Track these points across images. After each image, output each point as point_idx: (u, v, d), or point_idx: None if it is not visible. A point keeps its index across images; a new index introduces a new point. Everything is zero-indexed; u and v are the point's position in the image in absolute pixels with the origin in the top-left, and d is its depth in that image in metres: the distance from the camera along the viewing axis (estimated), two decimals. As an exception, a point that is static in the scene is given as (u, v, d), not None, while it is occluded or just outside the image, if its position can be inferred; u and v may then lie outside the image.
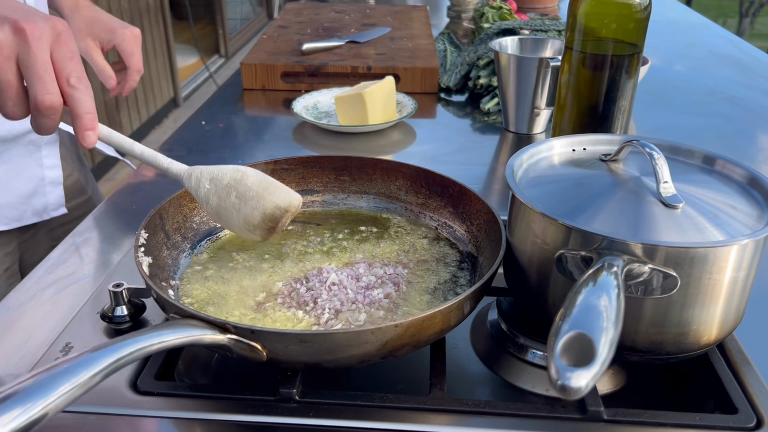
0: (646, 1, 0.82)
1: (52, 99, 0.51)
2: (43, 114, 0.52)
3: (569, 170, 0.63)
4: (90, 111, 0.54)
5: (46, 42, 0.51)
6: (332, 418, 0.52)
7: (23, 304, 0.66)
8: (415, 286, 0.64)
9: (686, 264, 0.50)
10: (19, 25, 0.50)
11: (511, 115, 1.11)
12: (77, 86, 0.53)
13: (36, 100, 0.51)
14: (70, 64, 0.52)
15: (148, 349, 0.46)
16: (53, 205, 0.98)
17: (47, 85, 0.51)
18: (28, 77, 0.51)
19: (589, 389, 0.37)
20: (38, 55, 0.51)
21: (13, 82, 0.51)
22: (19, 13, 0.51)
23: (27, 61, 0.51)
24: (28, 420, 0.40)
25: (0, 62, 0.50)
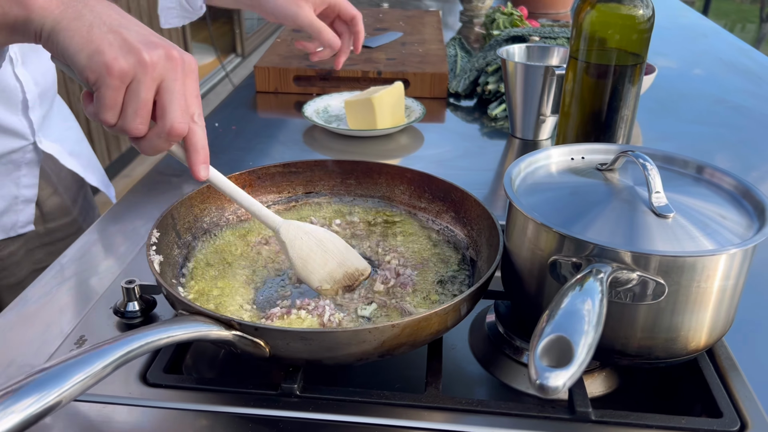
0: (650, 13, 0.84)
1: (184, 128, 0.54)
2: (168, 139, 0.54)
3: (566, 179, 0.65)
4: (206, 146, 0.57)
5: (189, 75, 0.55)
6: (331, 413, 0.55)
7: (40, 298, 0.69)
8: (414, 287, 0.66)
9: (675, 272, 0.52)
10: (171, 53, 0.53)
11: (518, 121, 1.13)
12: (199, 122, 0.56)
13: (172, 126, 0.53)
14: (196, 101, 0.56)
15: (157, 342, 0.49)
16: (22, 223, 0.97)
17: (184, 114, 0.54)
18: (168, 103, 0.53)
19: (566, 388, 0.39)
20: (184, 85, 0.54)
21: (150, 102, 0.53)
22: (166, 42, 0.54)
23: (172, 87, 0.53)
24: (43, 407, 0.43)
25: (148, 80, 0.52)
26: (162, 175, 0.99)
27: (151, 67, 0.52)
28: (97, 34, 0.52)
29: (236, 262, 0.69)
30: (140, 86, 0.52)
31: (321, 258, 0.65)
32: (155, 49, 0.52)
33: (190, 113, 0.55)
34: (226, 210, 0.75)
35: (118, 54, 0.51)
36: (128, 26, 0.53)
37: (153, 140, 0.55)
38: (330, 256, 0.65)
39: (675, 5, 2.20)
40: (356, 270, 0.66)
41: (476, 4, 1.90)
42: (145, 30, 0.54)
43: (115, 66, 0.51)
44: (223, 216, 0.75)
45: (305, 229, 0.65)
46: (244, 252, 0.71)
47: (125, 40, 0.52)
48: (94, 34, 0.52)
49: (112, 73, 0.51)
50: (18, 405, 0.42)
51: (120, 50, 0.51)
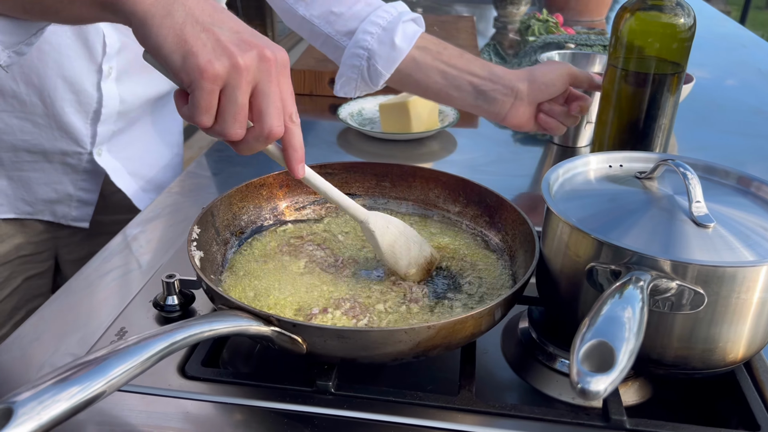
0: (691, 22, 0.83)
1: (281, 130, 0.54)
2: (265, 141, 0.54)
3: (604, 186, 0.65)
4: (302, 146, 0.57)
5: (282, 74, 0.53)
6: (365, 411, 0.55)
7: (82, 290, 0.71)
8: (449, 291, 0.66)
9: (714, 282, 0.51)
10: (264, 53, 0.52)
11: None
12: (296, 121, 0.56)
13: (270, 129, 0.53)
14: (292, 100, 0.55)
15: (199, 336, 0.50)
16: (74, 217, 0.99)
17: (281, 116, 0.53)
18: (264, 106, 0.53)
19: (607, 393, 0.39)
20: (279, 86, 0.53)
21: (246, 106, 0.52)
22: (260, 39, 0.53)
23: (267, 89, 0.52)
24: (88, 396, 0.44)
25: (243, 84, 0.51)
26: (200, 174, 1.00)
27: (246, 70, 0.51)
28: (189, 33, 0.50)
29: (273, 259, 0.70)
30: (236, 91, 0.51)
31: (405, 246, 0.67)
32: (249, 50, 0.51)
33: (287, 113, 0.54)
34: (263, 209, 0.76)
35: (212, 56, 0.50)
36: (221, 23, 0.52)
37: (251, 143, 0.54)
38: (412, 244, 0.68)
39: (713, 15, 2.18)
40: (432, 255, 0.69)
41: (511, 11, 1.90)
42: (238, 25, 0.53)
43: (210, 69, 0.50)
44: (261, 214, 0.76)
45: (389, 219, 0.68)
46: (281, 250, 0.72)
47: (218, 41, 0.50)
48: (186, 34, 0.50)
49: (206, 77, 0.50)
50: (64, 393, 0.43)
51: (214, 52, 0.50)
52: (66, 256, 1.04)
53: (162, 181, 1.09)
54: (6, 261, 0.94)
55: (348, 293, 0.65)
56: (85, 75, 0.86)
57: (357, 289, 0.65)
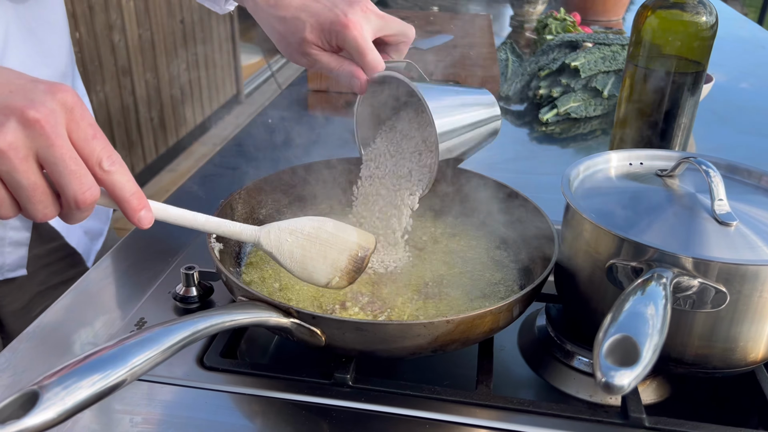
0: (713, 20, 0.82)
1: (93, 193, 0.45)
2: (82, 210, 0.46)
3: (625, 183, 0.65)
4: (134, 191, 0.48)
5: (63, 126, 0.44)
6: (382, 404, 0.55)
7: (102, 280, 0.72)
8: (468, 286, 0.66)
9: (737, 280, 0.51)
10: (27, 116, 0.43)
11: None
12: (112, 169, 0.46)
13: (76, 200, 0.45)
14: (95, 144, 0.45)
15: (219, 326, 0.50)
16: (10, 266, 0.85)
17: (84, 180, 0.45)
18: (58, 175, 0.44)
19: (630, 388, 0.39)
20: (62, 148, 0.44)
21: (39, 183, 0.44)
22: (19, 95, 0.44)
23: (51, 157, 0.44)
24: (109, 384, 0.44)
25: (18, 165, 0.43)
26: (218, 167, 1.01)
27: (12, 150, 0.42)
28: None
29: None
30: (15, 175, 0.43)
31: (317, 252, 0.58)
32: (5, 124, 0.42)
33: (96, 163, 0.45)
34: (281, 203, 0.77)
35: None
36: None
37: (72, 214, 0.47)
38: (327, 246, 0.58)
39: (733, 16, 2.16)
40: (360, 248, 0.59)
41: (527, 9, 1.89)
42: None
43: None
44: (279, 208, 0.76)
45: (289, 229, 0.58)
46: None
47: None
48: None
49: None
50: (87, 380, 0.43)
51: None
52: (7, 308, 0.89)
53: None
54: None
55: (367, 287, 0.65)
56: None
57: (375, 284, 0.65)
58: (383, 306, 0.62)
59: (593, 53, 1.25)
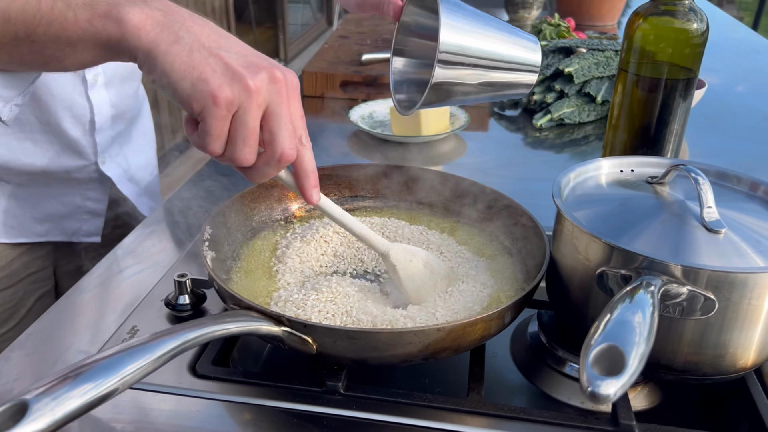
0: (704, 27, 0.83)
1: (293, 153, 0.52)
2: (277, 166, 0.52)
3: (615, 190, 0.65)
4: (315, 170, 0.56)
5: (293, 95, 0.52)
6: (374, 412, 0.55)
7: (95, 288, 0.72)
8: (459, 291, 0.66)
9: (725, 288, 0.51)
10: (275, 75, 0.50)
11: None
12: (307, 144, 0.54)
13: (282, 153, 0.51)
14: (302, 121, 0.53)
15: (210, 335, 0.50)
16: (86, 232, 0.97)
17: (292, 139, 0.52)
18: (276, 129, 0.51)
19: (617, 397, 0.39)
20: (288, 108, 0.51)
21: (257, 130, 0.51)
22: (269, 61, 0.51)
23: (278, 111, 0.51)
24: (100, 393, 0.44)
25: (254, 108, 0.49)
26: (212, 174, 1.01)
27: (256, 93, 0.49)
28: (198, 59, 0.49)
29: (283, 260, 0.70)
30: (247, 115, 0.50)
31: (430, 280, 0.65)
32: (259, 72, 0.50)
33: (297, 136, 0.53)
34: (275, 210, 0.77)
35: (223, 81, 0.49)
36: (228, 47, 0.51)
37: (262, 168, 0.53)
38: (438, 278, 0.65)
39: (726, 20, 2.17)
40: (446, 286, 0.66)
41: (522, 15, 1.90)
42: (244, 49, 0.52)
43: (221, 95, 0.48)
44: (272, 215, 0.77)
45: (413, 252, 0.65)
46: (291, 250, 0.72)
47: (228, 65, 0.49)
48: (195, 60, 0.49)
49: (218, 103, 0.48)
50: (78, 390, 0.43)
51: (224, 77, 0.49)
52: (62, 268, 1.01)
53: (151, 184, 1.08)
54: (18, 281, 0.93)
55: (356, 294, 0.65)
56: (71, 87, 0.84)
57: (364, 291, 0.65)
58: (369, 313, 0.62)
59: (587, 59, 1.26)
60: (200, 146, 0.51)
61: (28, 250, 0.94)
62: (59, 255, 0.98)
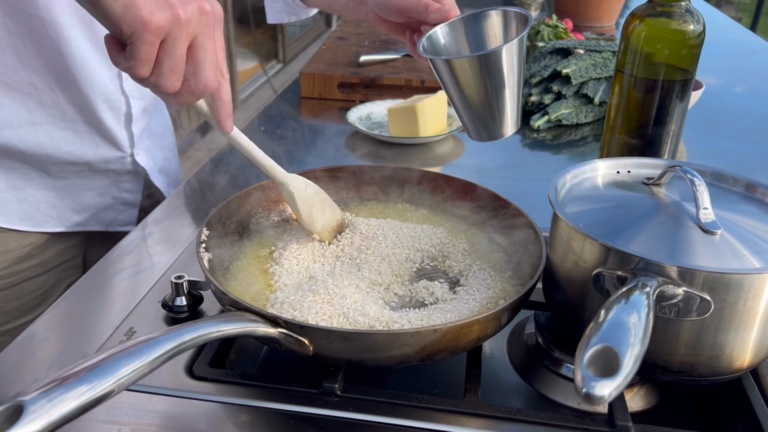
0: (700, 28, 0.83)
1: (216, 84, 0.54)
2: (200, 94, 0.55)
3: (612, 192, 0.65)
4: (230, 99, 0.58)
5: (218, 29, 0.54)
6: (371, 414, 0.56)
7: (92, 290, 0.72)
8: (456, 292, 0.66)
9: (721, 289, 0.51)
10: (204, 7, 0.52)
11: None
12: (226, 77, 0.56)
13: (206, 83, 0.54)
14: (222, 54, 0.55)
15: (207, 336, 0.50)
16: (121, 222, 1.01)
17: (215, 71, 0.54)
18: (202, 59, 0.53)
19: (611, 398, 0.39)
20: (214, 41, 0.53)
21: (184, 58, 0.52)
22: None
23: (205, 43, 0.53)
24: (96, 395, 0.44)
25: (183, 37, 0.51)
26: (210, 176, 1.01)
27: (186, 23, 0.51)
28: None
29: (280, 261, 0.71)
30: (176, 43, 0.51)
31: (320, 208, 0.71)
32: (189, 3, 0.51)
33: (219, 68, 0.55)
34: (271, 212, 0.77)
35: (154, 8, 0.50)
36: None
37: (184, 96, 0.55)
38: (326, 207, 0.72)
39: (724, 21, 2.17)
40: (342, 219, 0.74)
41: (520, 16, 1.90)
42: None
43: (152, 21, 0.49)
44: (269, 217, 0.77)
45: (306, 182, 0.71)
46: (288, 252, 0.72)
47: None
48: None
49: (148, 29, 0.49)
50: (73, 392, 0.43)
51: (155, 4, 0.50)
52: (92, 257, 1.03)
53: (177, 175, 1.11)
54: (51, 268, 0.96)
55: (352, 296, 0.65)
56: (108, 80, 0.88)
57: (361, 292, 0.65)
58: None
59: (584, 60, 1.26)
60: (127, 69, 0.52)
61: (62, 238, 0.96)
62: (90, 244, 1.01)
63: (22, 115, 0.84)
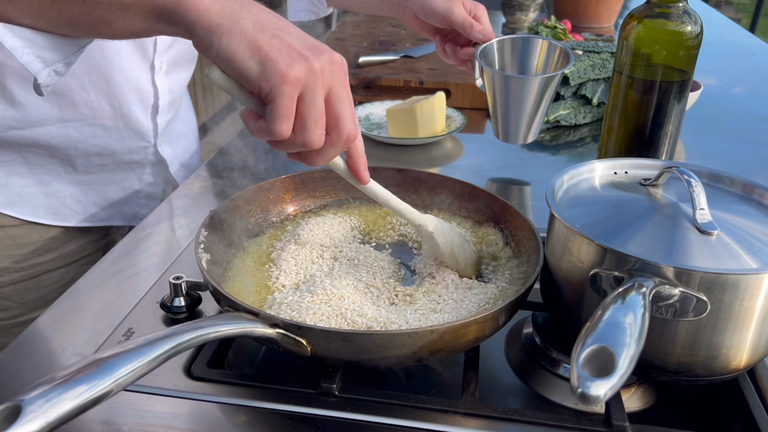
0: (698, 30, 0.83)
1: (356, 134, 0.54)
2: (342, 146, 0.54)
3: (609, 192, 0.65)
4: (364, 153, 0.58)
5: (346, 79, 0.53)
6: (368, 414, 0.56)
7: (91, 290, 0.72)
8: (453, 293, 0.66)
9: (717, 289, 0.52)
10: (334, 57, 0.51)
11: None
12: (358, 128, 0.55)
13: (349, 134, 0.53)
14: (351, 106, 0.54)
15: (205, 337, 0.51)
16: (143, 216, 1.00)
17: (354, 121, 0.53)
18: (340, 110, 0.52)
19: (607, 398, 0.39)
20: (348, 90, 0.53)
21: (324, 110, 0.51)
22: (324, 45, 0.52)
23: (340, 94, 0.52)
24: (95, 395, 0.44)
25: (320, 88, 0.50)
26: (209, 177, 1.01)
27: (321, 73, 0.49)
28: (262, 39, 0.48)
29: (278, 262, 0.71)
30: (315, 95, 0.49)
31: (460, 245, 0.70)
32: (321, 54, 0.50)
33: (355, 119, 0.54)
34: (270, 212, 0.77)
35: (290, 61, 0.48)
36: (287, 30, 0.51)
37: (327, 151, 0.53)
38: (465, 243, 0.70)
39: (722, 22, 2.17)
40: (479, 253, 0.72)
41: (519, 17, 1.90)
42: (300, 32, 0.52)
43: (290, 74, 0.48)
44: (268, 218, 0.77)
45: (440, 220, 0.69)
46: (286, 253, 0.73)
47: (290, 45, 0.49)
48: (259, 40, 0.48)
49: (287, 81, 0.48)
50: (72, 392, 0.43)
51: (290, 57, 0.48)
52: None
53: (195, 168, 1.13)
54: (72, 261, 0.98)
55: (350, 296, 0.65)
56: (141, 73, 0.89)
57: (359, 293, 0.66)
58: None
59: (583, 61, 1.26)
60: (267, 130, 0.50)
61: (84, 233, 0.98)
62: (110, 240, 1.03)
63: (54, 114, 0.86)
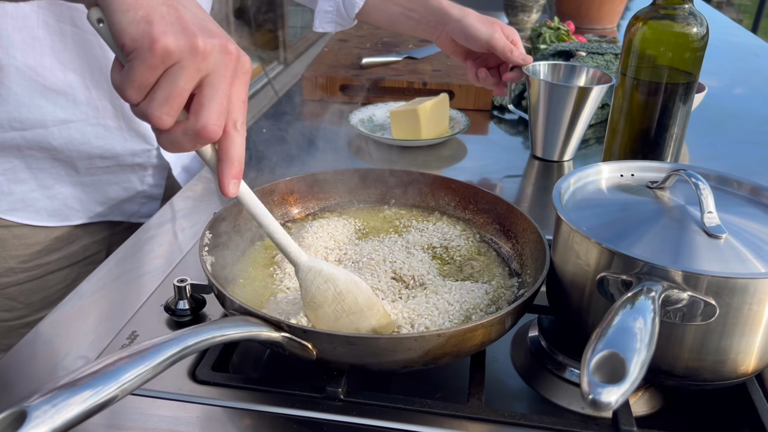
0: (704, 31, 0.83)
1: (217, 131, 0.47)
2: (195, 139, 0.47)
3: (616, 195, 0.65)
4: (242, 159, 0.50)
5: (240, 77, 0.48)
6: (374, 418, 0.55)
7: (94, 293, 0.72)
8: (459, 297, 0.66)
9: (726, 293, 0.51)
10: (228, 47, 0.47)
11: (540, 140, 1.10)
12: (241, 131, 0.49)
13: (205, 126, 0.46)
14: (242, 106, 0.49)
15: (210, 341, 0.50)
16: (143, 214, 1.02)
17: (221, 117, 0.47)
18: (207, 99, 0.46)
19: (618, 404, 0.39)
20: (228, 85, 0.47)
21: (185, 94, 0.46)
22: (226, 35, 0.47)
23: (215, 85, 0.46)
24: (100, 400, 0.44)
25: (192, 70, 0.45)
26: (211, 179, 1.01)
27: (202, 55, 0.45)
28: (153, 2, 0.44)
29: (282, 265, 0.70)
30: (181, 72, 0.45)
31: (333, 312, 0.58)
32: (212, 37, 0.45)
33: (232, 119, 0.48)
34: (274, 215, 0.76)
35: (169, 30, 0.44)
36: (186, 5, 0.46)
37: (177, 136, 0.47)
38: (345, 313, 0.59)
39: (725, 23, 2.17)
40: (372, 330, 0.59)
41: (522, 18, 1.90)
42: (204, 15, 0.48)
43: (161, 41, 0.43)
44: (272, 220, 0.76)
45: (326, 277, 0.58)
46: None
47: (181, 17, 0.45)
48: (150, 1, 0.44)
49: (154, 49, 0.43)
50: (77, 397, 0.43)
51: (172, 27, 0.44)
52: (114, 248, 1.06)
53: (197, 172, 1.12)
54: (75, 262, 0.97)
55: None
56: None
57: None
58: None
59: (586, 62, 1.26)
60: (117, 87, 0.46)
61: (87, 233, 0.98)
62: (113, 240, 1.02)
63: (57, 114, 0.85)
